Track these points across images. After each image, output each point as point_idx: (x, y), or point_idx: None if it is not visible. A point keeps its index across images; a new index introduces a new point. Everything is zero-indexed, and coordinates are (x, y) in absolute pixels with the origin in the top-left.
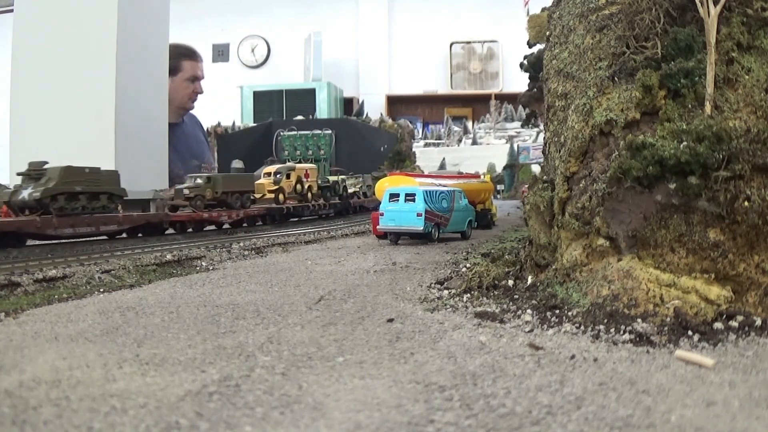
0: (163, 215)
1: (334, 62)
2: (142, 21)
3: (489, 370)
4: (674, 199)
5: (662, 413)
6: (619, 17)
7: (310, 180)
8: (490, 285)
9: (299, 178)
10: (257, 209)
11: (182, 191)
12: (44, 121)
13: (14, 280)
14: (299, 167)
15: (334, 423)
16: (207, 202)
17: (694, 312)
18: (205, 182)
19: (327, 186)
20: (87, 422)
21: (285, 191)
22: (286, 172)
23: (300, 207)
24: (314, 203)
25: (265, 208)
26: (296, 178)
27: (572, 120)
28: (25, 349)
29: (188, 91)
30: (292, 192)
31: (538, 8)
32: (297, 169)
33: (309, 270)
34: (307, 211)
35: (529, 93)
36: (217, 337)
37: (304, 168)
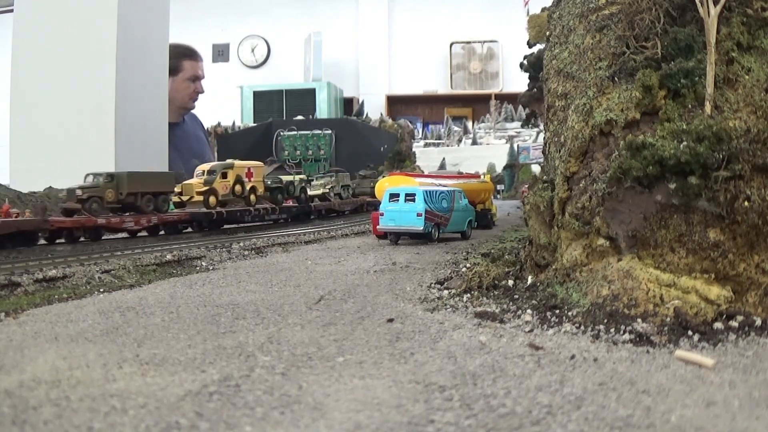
0: (40, 221)
1: (334, 62)
2: (142, 21)
3: (489, 370)
4: (674, 199)
5: (662, 413)
6: (619, 17)
7: (255, 179)
8: (490, 285)
9: (238, 178)
10: (178, 214)
11: (75, 191)
12: (44, 121)
13: (14, 280)
14: (239, 165)
15: (334, 423)
16: (109, 205)
17: (694, 312)
18: (105, 181)
19: (278, 187)
20: (87, 422)
21: (218, 193)
22: (220, 171)
23: (237, 211)
24: (259, 207)
25: (188, 212)
26: (234, 177)
27: (572, 120)
28: (25, 349)
29: (189, 90)
30: (228, 194)
31: (538, 8)
32: (236, 166)
33: (309, 270)
34: (248, 216)
35: (529, 93)
36: (217, 337)
37: (244, 165)
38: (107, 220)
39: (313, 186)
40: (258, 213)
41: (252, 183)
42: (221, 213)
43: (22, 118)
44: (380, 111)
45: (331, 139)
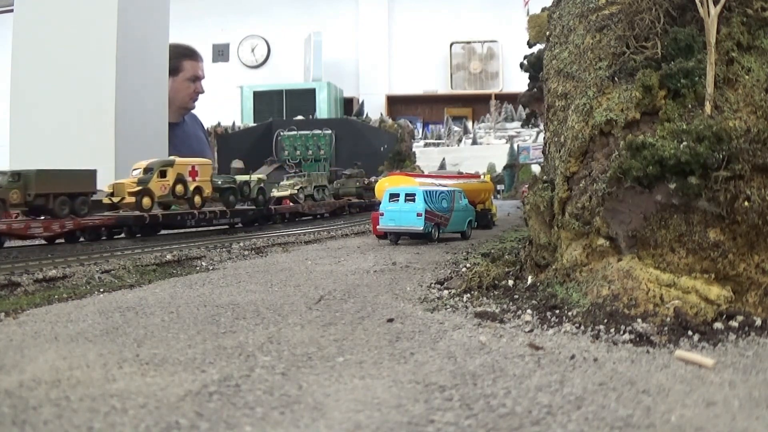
0: None
1: (334, 62)
2: (142, 21)
3: (489, 370)
4: (674, 199)
5: (662, 413)
6: (619, 17)
7: (200, 179)
8: (490, 285)
9: (180, 177)
10: (100, 219)
11: None
12: (44, 121)
13: (14, 280)
14: (180, 162)
15: (334, 423)
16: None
17: (694, 312)
18: (9, 180)
19: (229, 187)
20: (87, 422)
21: (153, 194)
22: (158, 169)
23: (178, 215)
24: (205, 210)
25: (114, 217)
26: (175, 176)
27: (572, 120)
28: (25, 349)
29: (189, 90)
30: (167, 195)
31: (538, 8)
32: (177, 164)
33: (309, 270)
34: (192, 220)
35: (529, 93)
36: (217, 337)
37: (188, 163)
38: (7, 226)
39: (281, 186)
40: (204, 217)
41: (197, 183)
42: (156, 216)
43: (22, 118)
44: (380, 111)
45: (331, 139)
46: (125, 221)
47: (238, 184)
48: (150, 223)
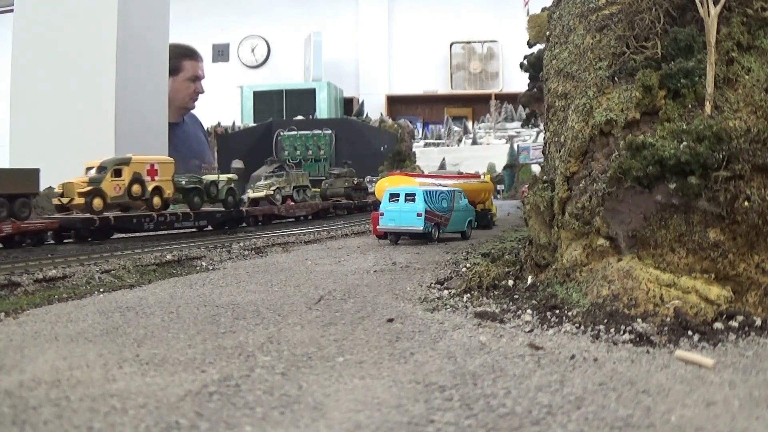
0: None
1: (334, 62)
2: (142, 21)
3: (489, 370)
4: (674, 199)
5: (662, 413)
6: (619, 17)
7: (160, 178)
8: (490, 285)
9: (137, 176)
10: (43, 222)
11: None
12: (44, 121)
13: (14, 280)
14: (138, 160)
15: (334, 423)
16: None
17: (694, 312)
18: None
19: (194, 188)
20: (87, 422)
21: (106, 195)
22: (112, 168)
23: (133, 218)
24: (166, 213)
25: (58, 220)
26: (131, 175)
27: (572, 120)
28: (25, 349)
29: (189, 90)
30: (122, 195)
31: (538, 8)
32: (133, 162)
33: (309, 270)
34: (149, 223)
35: (529, 93)
36: (217, 337)
37: (145, 161)
38: None
39: (256, 187)
40: (164, 219)
41: (156, 183)
42: (107, 219)
43: (22, 118)
44: (380, 111)
45: (331, 139)
46: (72, 224)
47: (205, 185)
48: (101, 227)
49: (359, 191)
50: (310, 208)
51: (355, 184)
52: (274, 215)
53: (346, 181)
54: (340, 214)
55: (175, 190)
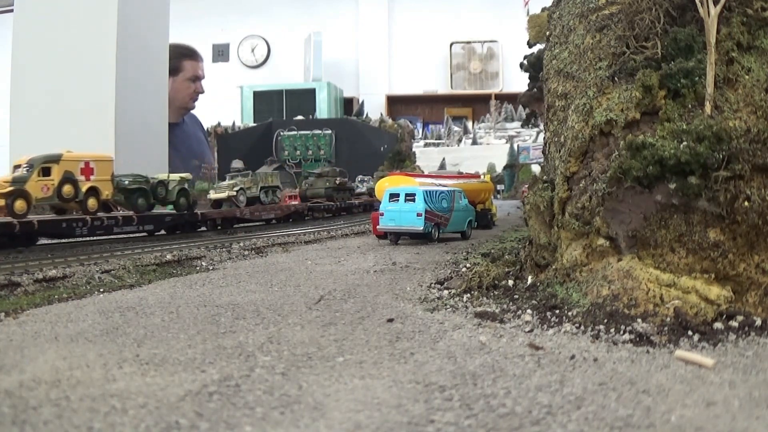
0: None
1: (334, 62)
2: (142, 21)
3: (489, 370)
4: (674, 199)
5: (662, 413)
6: (619, 17)
7: (97, 178)
8: (490, 285)
9: (68, 175)
10: None
11: None
12: (44, 121)
13: (14, 280)
14: (69, 157)
15: (334, 423)
16: None
17: (694, 312)
18: None
19: (138, 188)
20: (87, 422)
21: (30, 196)
22: (39, 166)
23: (62, 221)
24: (102, 216)
25: None
26: (61, 174)
27: (572, 120)
28: (25, 349)
29: (189, 90)
30: (51, 197)
31: (538, 8)
32: (64, 160)
33: (309, 270)
34: (81, 227)
35: (529, 93)
36: (217, 337)
37: (79, 159)
38: None
39: (218, 187)
40: (100, 224)
41: (91, 183)
42: (29, 224)
43: (22, 118)
44: (380, 111)
45: (331, 139)
46: None
47: (152, 185)
48: (23, 232)
49: (343, 191)
50: (280, 210)
51: (337, 184)
52: (236, 218)
53: (328, 181)
54: (317, 217)
55: (116, 191)
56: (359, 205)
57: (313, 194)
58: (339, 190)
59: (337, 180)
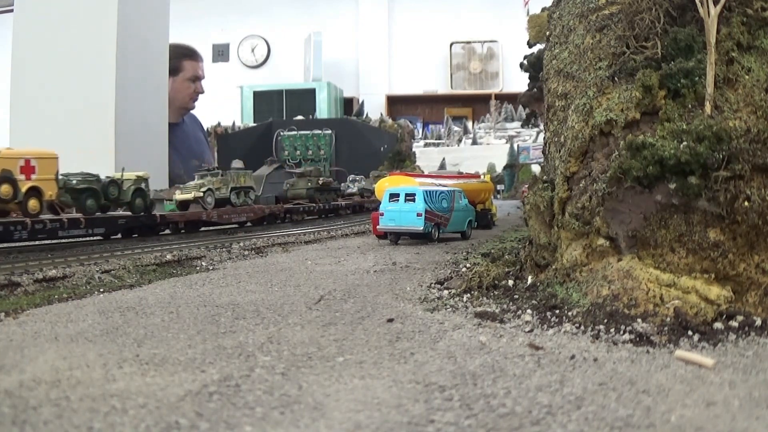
0: None
1: (334, 62)
2: (142, 21)
3: (489, 370)
4: (674, 199)
5: (662, 413)
6: (619, 17)
7: (39, 177)
8: (490, 285)
9: (6, 175)
10: None
11: None
12: (44, 121)
13: (14, 280)
14: (6, 154)
15: (334, 423)
16: None
17: (694, 312)
18: None
19: (88, 188)
20: (87, 422)
21: None
22: None
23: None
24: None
25: None
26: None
27: (572, 120)
28: (25, 349)
29: (189, 91)
30: None
31: (538, 8)
32: (1, 157)
33: (309, 270)
34: (22, 231)
35: (529, 93)
36: (217, 337)
37: (17, 156)
38: None
39: (184, 188)
40: (43, 227)
41: (33, 182)
42: None
43: (22, 118)
44: (380, 111)
45: (331, 139)
46: None
47: (103, 184)
48: None
49: (326, 192)
50: (253, 213)
51: (320, 185)
52: (201, 222)
53: (309, 181)
54: (297, 219)
55: (63, 191)
56: (346, 206)
57: (294, 195)
58: (322, 191)
59: (321, 180)
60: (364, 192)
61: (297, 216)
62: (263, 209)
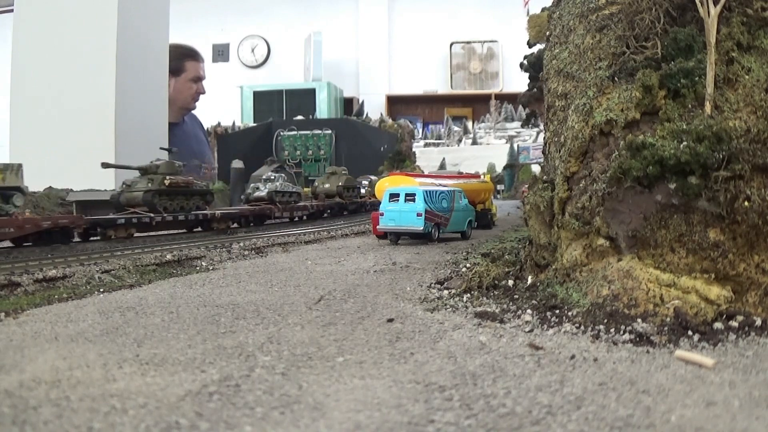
0: None
1: (334, 62)
2: (142, 21)
3: (489, 370)
4: (674, 199)
5: (662, 413)
6: (619, 17)
7: None
8: (490, 285)
9: None
10: None
11: None
12: (44, 121)
13: (14, 280)
14: None
15: (334, 423)
16: None
17: (694, 312)
18: None
19: None
20: (87, 422)
21: None
22: None
23: None
24: None
25: None
26: None
27: (572, 120)
28: (25, 349)
29: (191, 91)
30: None
31: (538, 8)
32: None
33: (309, 270)
34: None
35: (529, 93)
36: (217, 337)
37: None
38: None
39: None
40: None
41: None
42: None
43: (22, 118)
44: (380, 111)
45: (331, 139)
46: None
47: None
48: None
49: (185, 197)
50: None
51: (167, 186)
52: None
53: (151, 181)
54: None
55: None
56: (224, 218)
57: (128, 201)
58: (173, 196)
59: (167, 180)
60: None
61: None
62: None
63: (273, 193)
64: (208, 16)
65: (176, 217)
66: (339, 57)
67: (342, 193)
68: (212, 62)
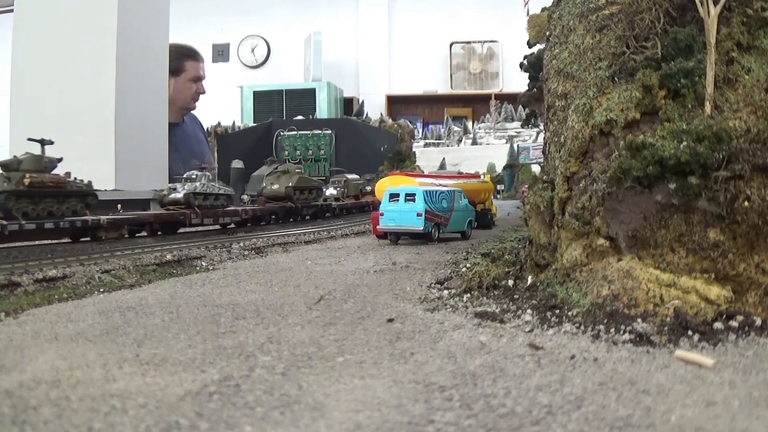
0: None
1: (334, 62)
2: (142, 21)
3: (489, 370)
4: (674, 199)
5: (662, 413)
6: (619, 17)
7: None
8: (490, 285)
9: None
10: None
11: None
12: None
13: (14, 280)
14: None
15: (334, 423)
16: None
17: (694, 312)
18: None
19: None
20: (87, 422)
21: None
22: None
23: None
24: None
25: None
26: None
27: (572, 120)
28: (25, 349)
29: (191, 91)
30: None
31: (538, 8)
32: None
33: (309, 270)
34: None
35: (529, 93)
36: (217, 337)
37: None
38: None
39: None
40: None
41: None
42: None
43: (22, 118)
44: (380, 111)
45: (331, 139)
46: None
47: None
48: None
49: (42, 199)
50: None
51: (26, 187)
52: None
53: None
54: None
55: None
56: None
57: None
58: (21, 198)
59: (27, 178)
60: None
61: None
62: None
63: (191, 195)
64: (208, 16)
65: (41, 226)
66: (339, 57)
67: (291, 195)
68: (212, 62)
